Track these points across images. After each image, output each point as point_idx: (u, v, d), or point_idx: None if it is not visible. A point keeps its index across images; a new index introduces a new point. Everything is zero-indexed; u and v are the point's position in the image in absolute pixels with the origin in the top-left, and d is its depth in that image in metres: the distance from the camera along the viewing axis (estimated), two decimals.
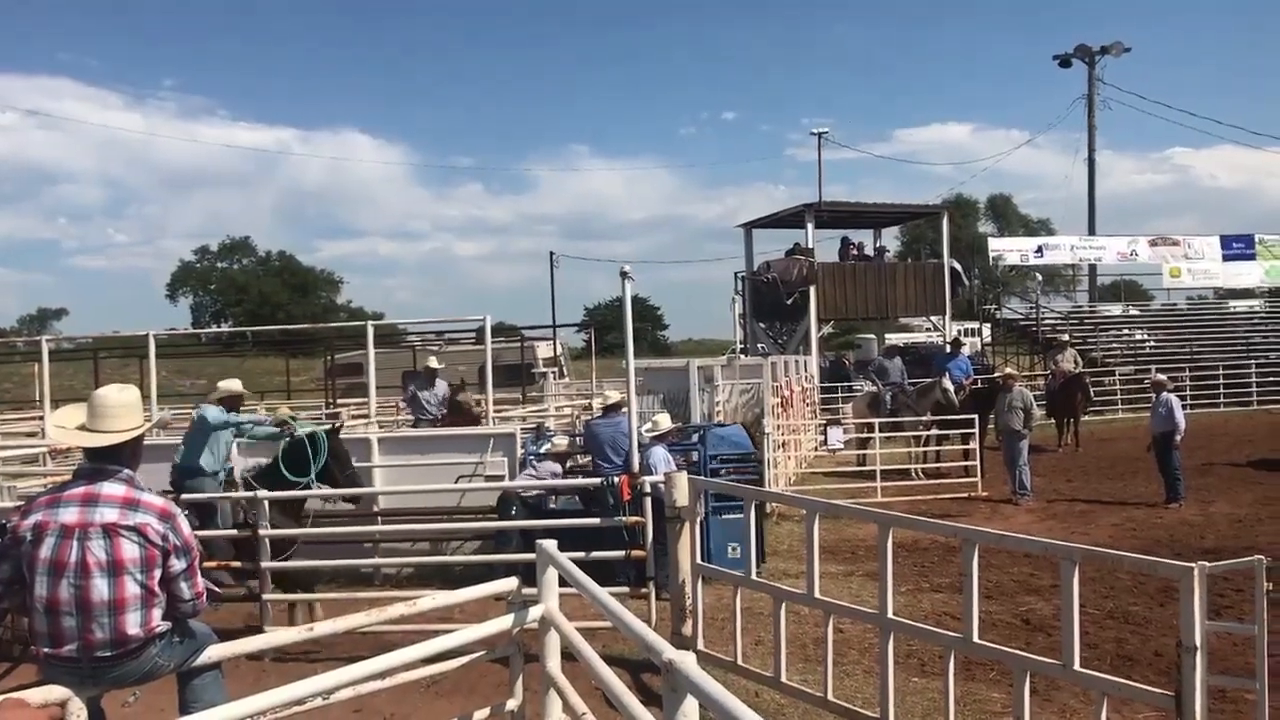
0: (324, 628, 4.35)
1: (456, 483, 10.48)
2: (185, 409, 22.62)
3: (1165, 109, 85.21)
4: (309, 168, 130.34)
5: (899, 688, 6.19)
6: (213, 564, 8.59)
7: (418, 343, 25.41)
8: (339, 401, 21.73)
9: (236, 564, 8.68)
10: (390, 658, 3.96)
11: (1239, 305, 38.56)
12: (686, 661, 2.67)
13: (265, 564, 8.43)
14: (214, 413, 9.16)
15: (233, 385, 9.92)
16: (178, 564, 4.23)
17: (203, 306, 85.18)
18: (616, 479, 8.41)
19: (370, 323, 15.74)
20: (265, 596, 8.46)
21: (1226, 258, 36.83)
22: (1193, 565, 4.33)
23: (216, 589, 4.67)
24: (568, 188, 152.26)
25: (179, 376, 40.12)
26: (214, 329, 64.02)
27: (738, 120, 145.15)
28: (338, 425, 9.66)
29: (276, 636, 5.09)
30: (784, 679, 6.48)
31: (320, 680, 3.67)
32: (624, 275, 8.13)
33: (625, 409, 9.39)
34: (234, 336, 46.78)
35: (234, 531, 8.72)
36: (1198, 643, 4.29)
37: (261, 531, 8.43)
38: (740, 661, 6.87)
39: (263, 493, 8.58)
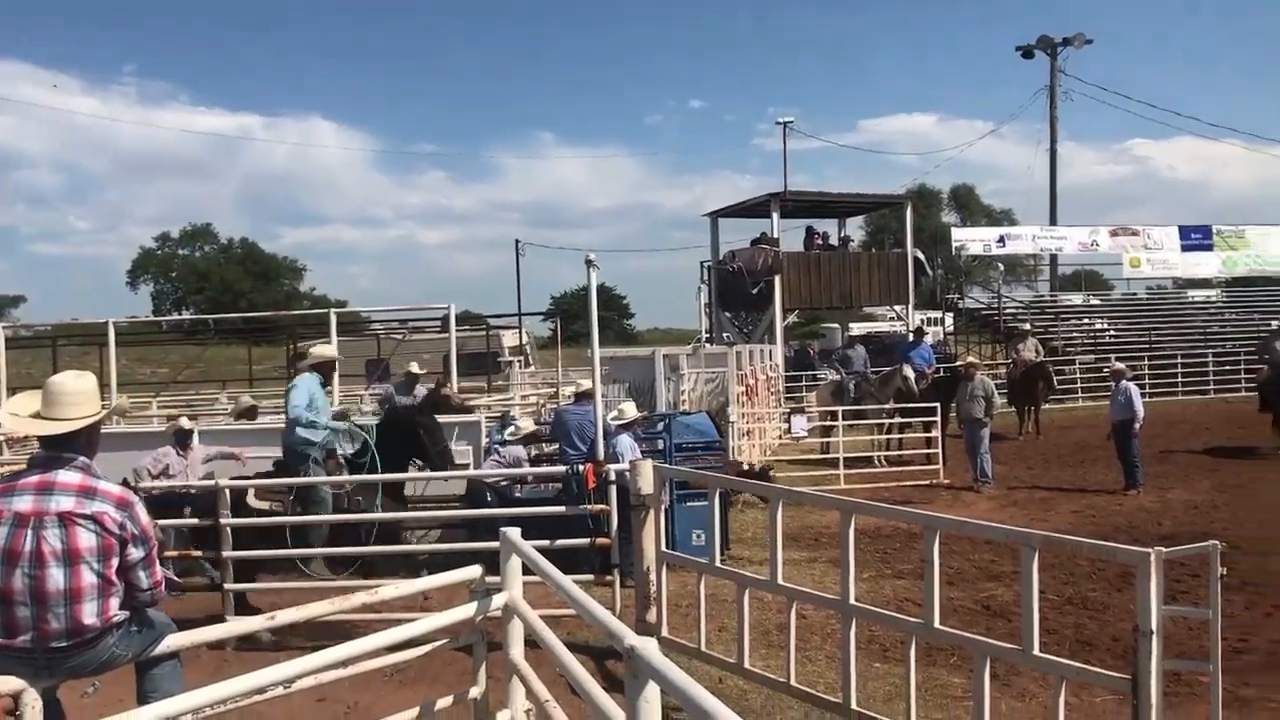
0: (285, 616, 4.32)
1: (420, 470, 10.43)
2: (145, 397, 22.42)
3: (1125, 100, 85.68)
4: (271, 154, 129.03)
5: (861, 673, 6.24)
6: (174, 553, 8.51)
7: (381, 331, 25.26)
8: None
9: (196, 553, 8.61)
10: (352, 646, 3.94)
11: (1197, 295, 39.15)
12: (649, 648, 2.68)
13: (227, 553, 8.35)
14: (299, 395, 8.89)
15: (326, 350, 9.53)
16: (136, 553, 4.18)
17: (164, 294, 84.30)
18: (582, 467, 8.41)
19: (333, 310, 15.63)
20: (227, 586, 8.39)
21: (1185, 248, 37.38)
22: (1149, 551, 4.38)
23: (176, 578, 4.62)
24: (533, 176, 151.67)
25: (140, 364, 39.64)
26: (175, 316, 63.27)
27: (704, 109, 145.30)
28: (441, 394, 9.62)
29: (237, 625, 5.05)
30: (747, 665, 6.51)
31: (281, 669, 3.65)
32: (589, 263, 8.12)
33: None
34: (196, 324, 46.30)
35: (194, 521, 8.64)
36: (1154, 627, 4.34)
37: (223, 520, 8.35)
38: (704, 648, 6.89)
39: (224, 482, 8.49)
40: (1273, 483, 14.49)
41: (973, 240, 38.36)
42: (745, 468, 11.81)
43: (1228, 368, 29.25)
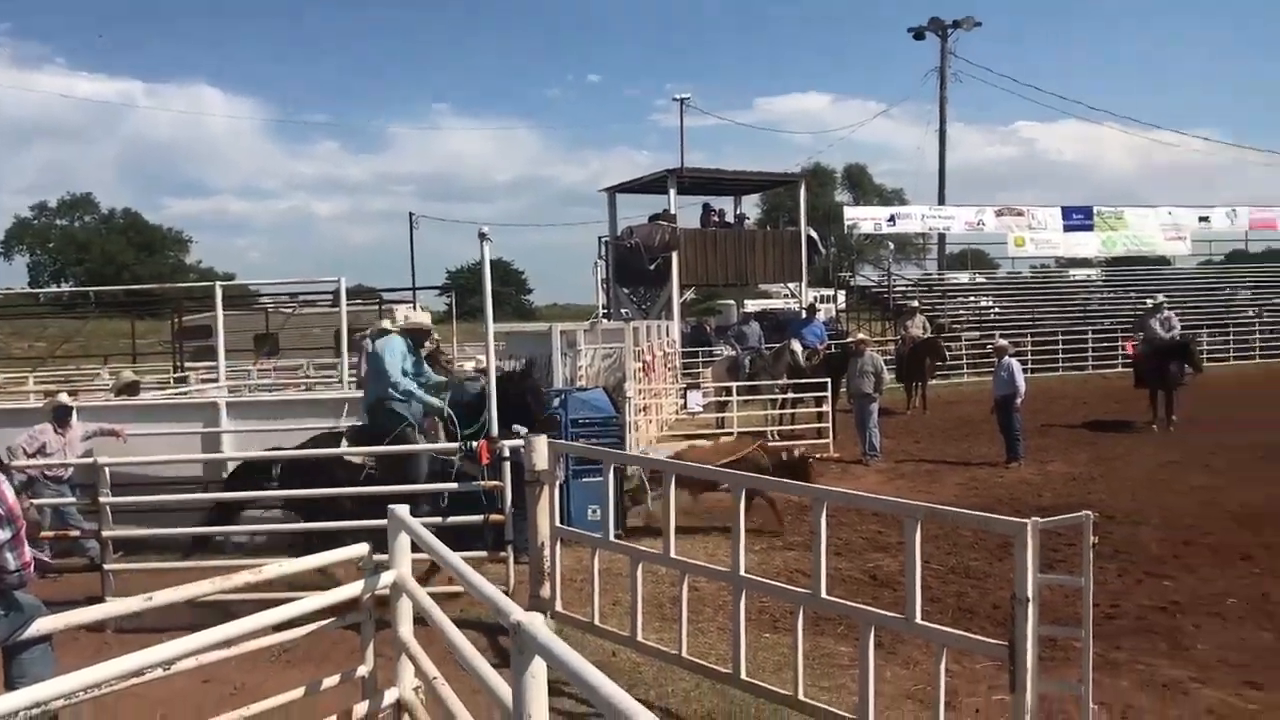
0: (164, 596, 4.19)
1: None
2: (22, 373, 21.53)
3: (1012, 83, 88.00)
4: (155, 122, 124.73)
5: (751, 643, 6.34)
6: (49, 534, 8.22)
7: (270, 305, 24.68)
8: (187, 365, 20.98)
9: (74, 533, 8.33)
10: (234, 626, 3.84)
11: (1077, 274, 40.52)
12: (534, 623, 2.67)
13: (107, 532, 8.10)
14: (394, 359, 8.72)
15: (420, 318, 9.42)
16: (1, 534, 4.02)
17: (41, 265, 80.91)
18: (475, 443, 8.33)
19: (219, 283, 15.21)
20: (107, 566, 8.13)
21: (1067, 228, 38.63)
22: (1026, 522, 4.53)
23: (48, 559, 4.45)
24: (428, 147, 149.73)
25: (15, 339, 38.13)
26: (54, 289, 60.81)
27: (603, 84, 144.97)
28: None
29: (113, 607, 4.89)
30: (640, 638, 6.55)
31: (159, 650, 3.53)
32: (482, 236, 8.03)
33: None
34: (75, 297, 44.51)
35: (72, 500, 8.36)
36: (1030, 595, 4.49)
37: (102, 499, 8.10)
38: (598, 622, 6.92)
39: (103, 460, 8.23)
40: (1147, 456, 15.12)
41: (864, 219, 39.14)
42: (785, 457, 11.76)
43: (1106, 344, 30.34)
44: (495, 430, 8.23)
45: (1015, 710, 4.54)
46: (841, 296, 40.06)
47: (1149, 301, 19.99)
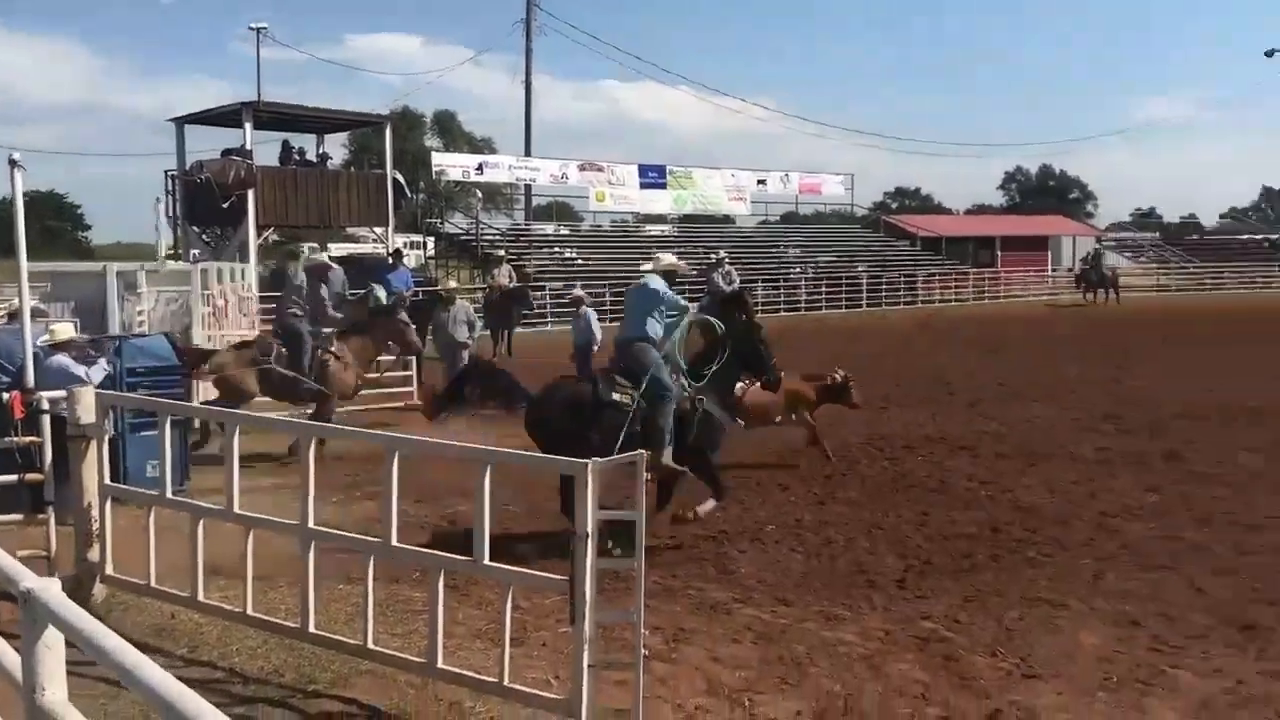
0: None
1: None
2: None
3: (593, 40, 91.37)
4: None
5: (324, 596, 6.23)
6: None
7: None
8: None
9: None
10: None
11: (653, 229, 43.03)
12: (49, 590, 2.43)
13: None
14: (659, 282, 8.69)
15: (672, 259, 9.80)
16: None
17: None
18: (7, 395, 7.49)
19: None
20: None
21: (643, 185, 40.87)
22: (585, 462, 4.74)
23: None
24: None
25: None
26: None
27: (176, 5, 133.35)
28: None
29: None
30: (201, 598, 6.24)
31: None
32: (14, 164, 7.21)
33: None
34: None
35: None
36: (589, 531, 4.72)
37: None
38: (154, 584, 6.49)
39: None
40: None
41: (453, 166, 39.22)
42: (829, 383, 11.72)
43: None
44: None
45: (575, 640, 4.78)
46: (430, 243, 39.91)
47: (713, 257, 21.64)
